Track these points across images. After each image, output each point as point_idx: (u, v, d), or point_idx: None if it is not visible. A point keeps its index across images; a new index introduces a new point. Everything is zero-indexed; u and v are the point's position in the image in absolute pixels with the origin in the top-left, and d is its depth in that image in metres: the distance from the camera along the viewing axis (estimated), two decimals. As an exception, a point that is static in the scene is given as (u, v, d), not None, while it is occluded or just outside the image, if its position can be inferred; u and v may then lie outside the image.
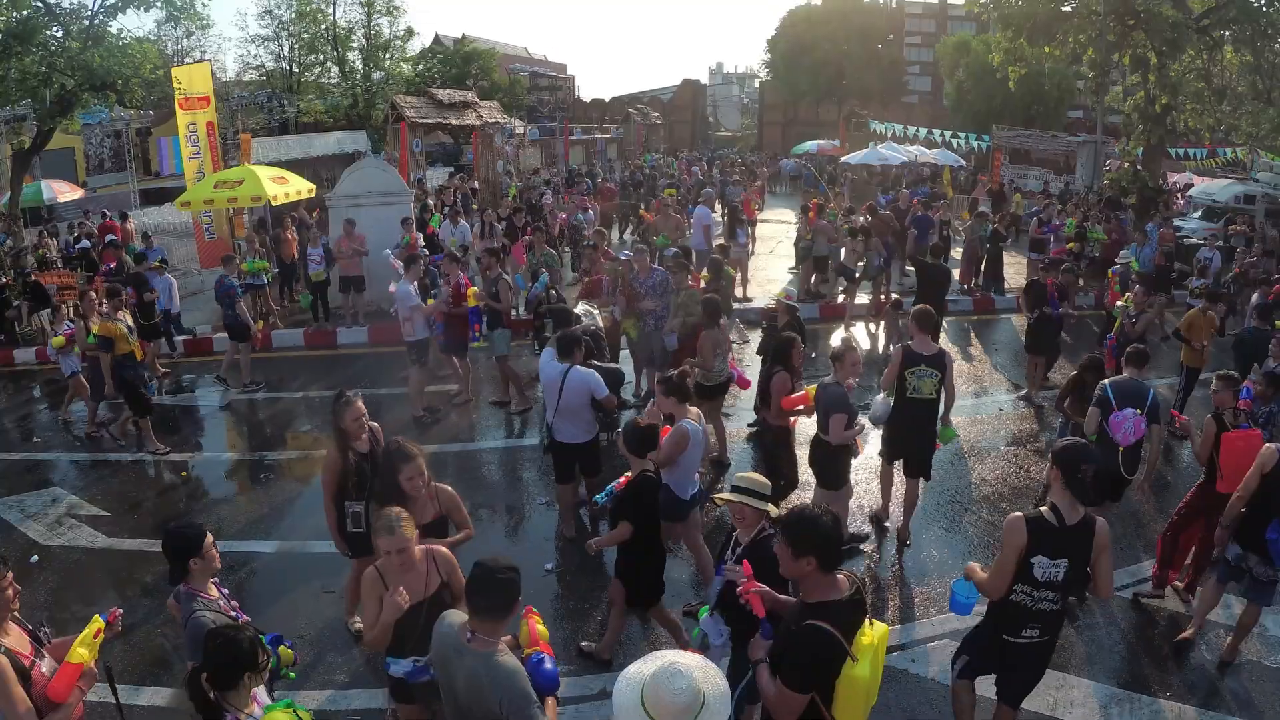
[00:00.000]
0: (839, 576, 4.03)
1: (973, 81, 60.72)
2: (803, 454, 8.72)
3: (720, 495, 4.95)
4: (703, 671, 3.41)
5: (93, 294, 12.61)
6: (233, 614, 4.78)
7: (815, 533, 3.95)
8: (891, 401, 8.46)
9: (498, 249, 13.66)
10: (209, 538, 4.80)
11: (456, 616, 4.16)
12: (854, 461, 8.30)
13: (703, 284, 12.53)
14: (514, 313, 12.84)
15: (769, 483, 5.22)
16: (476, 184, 30.48)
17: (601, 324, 10.66)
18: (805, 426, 9.12)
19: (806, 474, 8.70)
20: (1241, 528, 6.77)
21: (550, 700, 4.09)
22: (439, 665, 4.14)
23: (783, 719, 4.00)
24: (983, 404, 12.86)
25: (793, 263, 20.96)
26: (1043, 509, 5.01)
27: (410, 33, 54.74)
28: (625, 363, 12.40)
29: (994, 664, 5.49)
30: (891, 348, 13.78)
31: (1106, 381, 8.06)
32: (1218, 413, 7.70)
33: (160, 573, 7.88)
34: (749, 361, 12.61)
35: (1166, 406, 8.15)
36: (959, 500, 9.89)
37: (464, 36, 67.52)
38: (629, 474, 6.34)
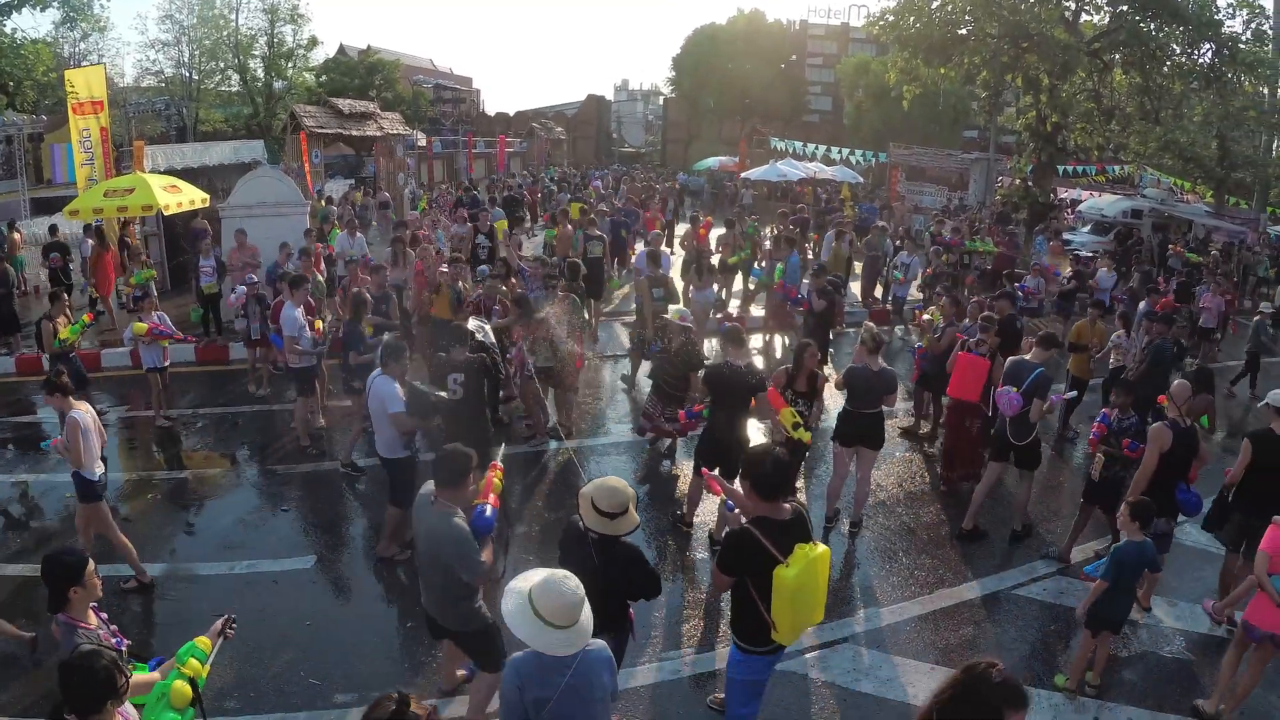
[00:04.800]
0: (784, 505, 5.04)
1: (872, 102, 62.04)
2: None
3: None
4: (578, 581, 4.08)
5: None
6: (113, 641, 4.59)
7: (752, 464, 5.06)
8: None
9: (380, 266, 13.13)
10: (90, 564, 4.60)
11: (430, 485, 5.53)
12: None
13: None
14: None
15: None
16: (388, 195, 29.88)
17: (494, 339, 10.37)
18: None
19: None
20: (1159, 502, 7.26)
21: (486, 541, 5.47)
22: (415, 516, 5.61)
23: (717, 587, 5.52)
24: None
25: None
26: None
27: (314, 42, 54.06)
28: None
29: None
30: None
31: (1009, 360, 9.33)
32: (963, 342, 10.04)
33: (43, 596, 7.44)
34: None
35: (1047, 384, 8.71)
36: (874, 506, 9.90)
37: (369, 47, 66.69)
38: None
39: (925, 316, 12.51)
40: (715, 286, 16.18)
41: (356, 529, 9.28)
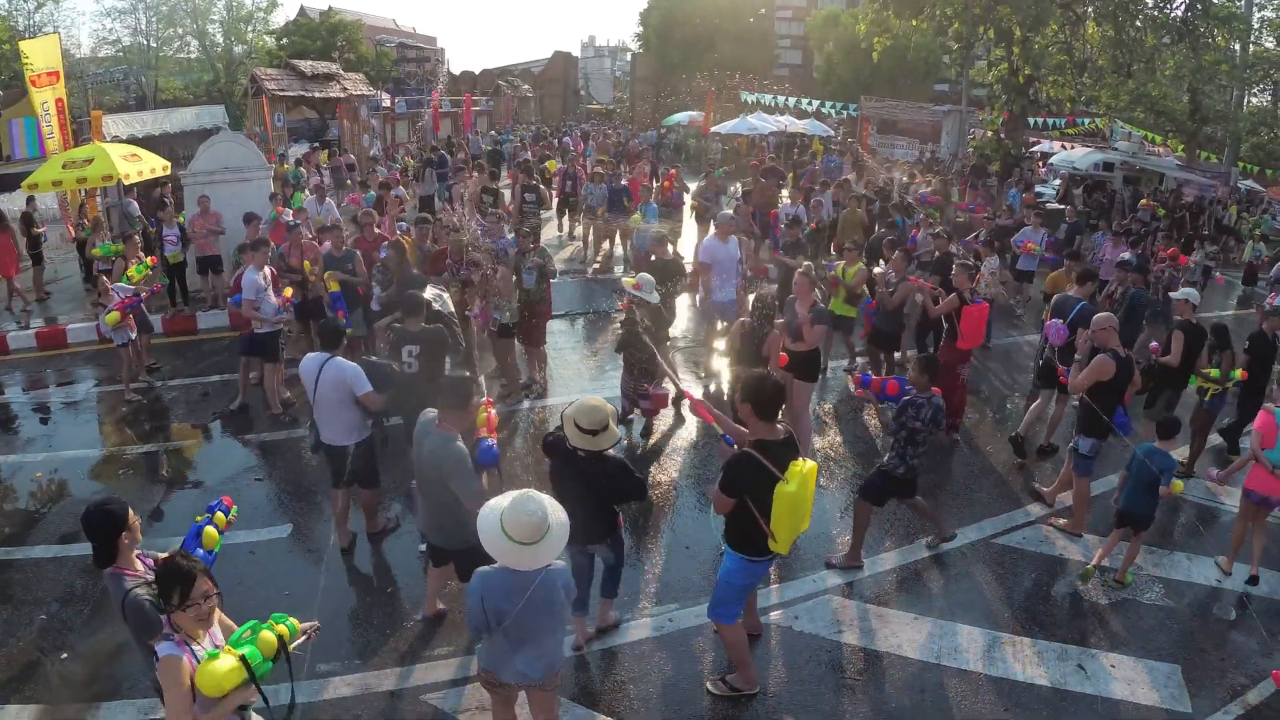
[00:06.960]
0: (777, 426, 5.52)
1: (842, 55, 61.71)
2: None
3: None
4: (552, 506, 4.47)
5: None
6: None
7: (753, 389, 5.43)
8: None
9: (337, 225, 12.79)
10: (130, 509, 4.67)
11: (432, 411, 5.98)
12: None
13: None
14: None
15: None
16: (354, 157, 29.45)
17: (452, 308, 10.08)
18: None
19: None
20: (1091, 423, 8.05)
21: (486, 473, 6.17)
22: (417, 439, 6.00)
23: (717, 509, 5.65)
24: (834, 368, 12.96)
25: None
26: None
27: (273, 4, 53.29)
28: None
29: None
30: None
31: (1055, 297, 10.61)
32: (959, 292, 10.10)
33: (16, 580, 7.48)
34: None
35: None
36: (826, 462, 9.99)
37: (330, 8, 65.59)
38: None
39: (876, 270, 12.37)
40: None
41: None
